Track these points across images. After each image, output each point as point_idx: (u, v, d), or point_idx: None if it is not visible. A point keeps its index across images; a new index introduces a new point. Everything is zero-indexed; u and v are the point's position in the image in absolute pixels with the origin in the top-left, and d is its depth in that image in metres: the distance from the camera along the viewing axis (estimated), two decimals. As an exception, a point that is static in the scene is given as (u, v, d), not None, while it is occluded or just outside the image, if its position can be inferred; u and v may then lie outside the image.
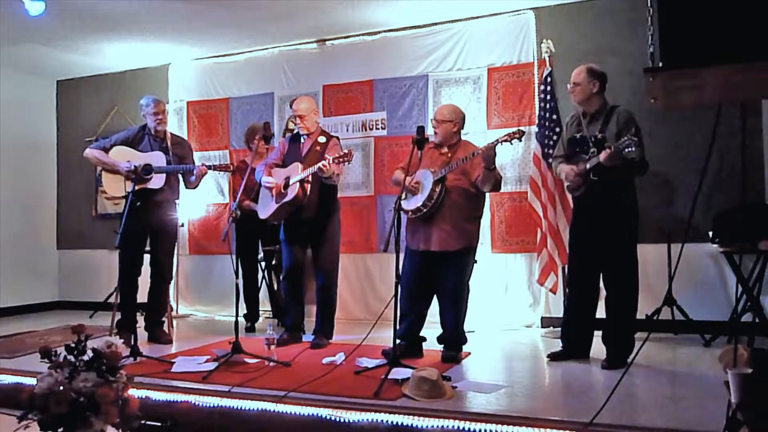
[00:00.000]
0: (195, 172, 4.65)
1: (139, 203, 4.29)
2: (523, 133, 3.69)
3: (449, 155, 3.97)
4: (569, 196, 4.36)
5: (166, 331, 4.86)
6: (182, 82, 6.50)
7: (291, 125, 5.81)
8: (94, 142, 5.09)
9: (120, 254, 4.67)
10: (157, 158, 4.65)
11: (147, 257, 4.78)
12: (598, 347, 3.87)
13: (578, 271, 3.86)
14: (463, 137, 4.17)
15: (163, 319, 4.88)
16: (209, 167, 4.73)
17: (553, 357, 3.89)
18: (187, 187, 4.90)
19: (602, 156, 3.47)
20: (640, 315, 4.48)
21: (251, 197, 5.01)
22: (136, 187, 4.35)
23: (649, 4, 1.71)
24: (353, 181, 5.73)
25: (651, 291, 4.70)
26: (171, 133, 4.89)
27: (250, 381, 3.38)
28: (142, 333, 4.53)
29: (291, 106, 5.54)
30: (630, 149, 3.31)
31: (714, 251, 4.46)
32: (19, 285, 6.66)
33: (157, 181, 4.58)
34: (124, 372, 2.52)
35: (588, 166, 3.60)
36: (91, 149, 4.73)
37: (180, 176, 4.82)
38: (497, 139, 3.66)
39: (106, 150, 4.67)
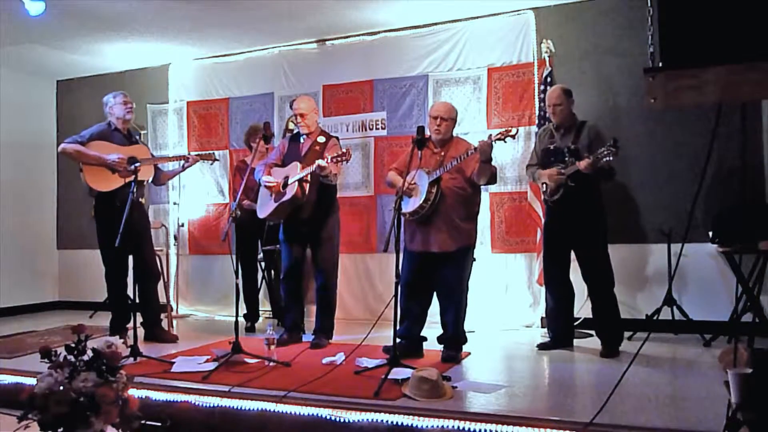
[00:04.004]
0: (190, 160, 4.71)
1: (122, 198, 4.26)
2: (517, 131, 3.76)
3: (442, 154, 3.97)
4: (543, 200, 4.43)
5: (166, 329, 4.86)
6: (182, 82, 6.50)
7: (291, 125, 5.81)
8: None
9: (107, 254, 4.63)
10: (141, 151, 4.65)
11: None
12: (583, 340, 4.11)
13: (555, 270, 4.20)
14: (462, 136, 4.19)
15: (161, 316, 4.88)
16: (198, 155, 4.80)
17: (542, 347, 4.25)
18: (155, 184, 4.97)
19: (582, 163, 3.84)
20: (640, 315, 4.51)
21: (251, 197, 5.00)
22: (127, 180, 4.31)
23: (649, 4, 1.71)
24: (353, 181, 5.73)
25: (651, 291, 4.71)
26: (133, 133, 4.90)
27: (250, 381, 3.38)
28: (142, 333, 4.53)
29: (291, 107, 5.57)
30: (608, 158, 3.71)
31: (714, 251, 4.46)
32: (19, 285, 6.67)
33: (147, 172, 4.57)
34: (124, 372, 2.53)
35: (566, 172, 3.95)
36: (69, 144, 4.56)
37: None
38: (491, 137, 3.68)
39: (83, 145, 4.55)
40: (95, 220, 4.73)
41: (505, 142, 3.73)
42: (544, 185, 4.16)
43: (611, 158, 3.70)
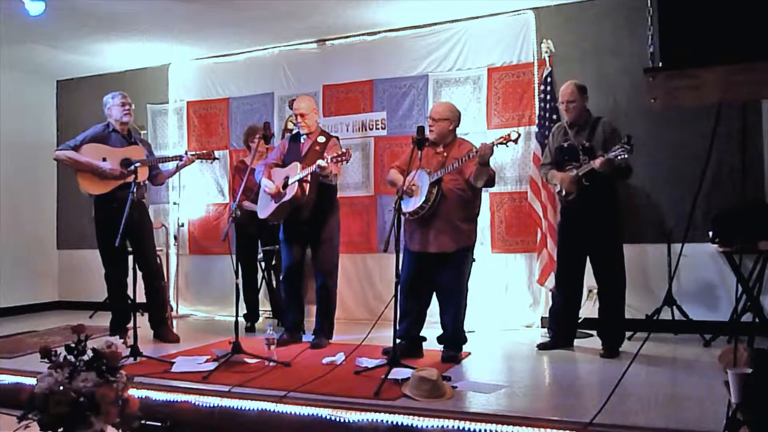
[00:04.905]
0: (184, 160, 4.69)
1: (122, 198, 4.26)
2: (519, 135, 3.73)
3: (444, 154, 3.97)
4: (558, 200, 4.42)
5: (173, 329, 4.88)
6: (182, 82, 6.50)
7: (290, 125, 5.82)
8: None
9: (106, 255, 4.66)
10: (136, 152, 4.65)
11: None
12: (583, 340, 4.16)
13: (568, 269, 4.13)
14: (463, 137, 4.19)
15: (167, 316, 4.89)
16: (194, 155, 4.79)
17: (542, 347, 4.23)
18: (153, 184, 4.97)
19: (597, 162, 3.79)
20: (640, 315, 4.51)
21: (251, 198, 5.00)
22: (125, 181, 4.33)
23: (649, 4, 1.71)
24: (353, 181, 5.73)
25: (651, 291, 4.71)
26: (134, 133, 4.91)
27: (250, 381, 3.38)
28: (142, 333, 4.53)
29: (290, 107, 5.57)
30: (623, 156, 3.63)
31: (714, 251, 4.46)
32: (19, 285, 6.66)
33: (142, 174, 4.57)
34: (124, 372, 2.52)
35: (581, 172, 3.90)
36: (62, 151, 4.60)
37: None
38: (494, 141, 3.67)
39: (76, 149, 4.57)
40: (94, 221, 4.74)
41: (507, 146, 3.74)
42: (558, 185, 4.12)
43: (626, 156, 3.64)
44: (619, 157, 3.67)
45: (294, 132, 4.82)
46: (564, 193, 4.05)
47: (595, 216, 3.95)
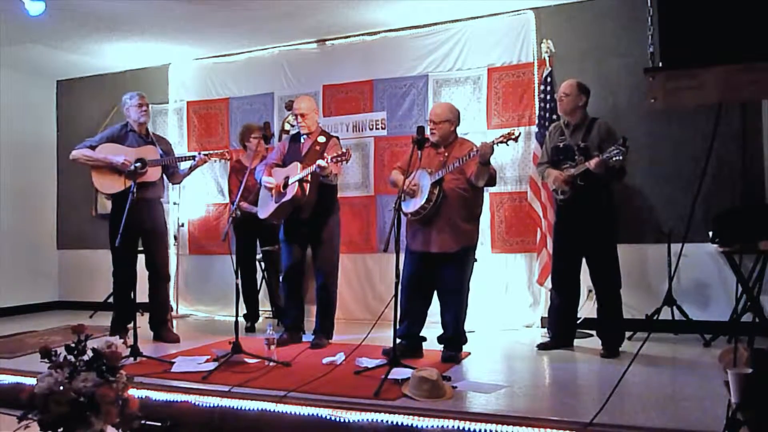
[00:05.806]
0: (196, 160, 4.72)
1: (137, 198, 4.28)
2: (519, 134, 3.73)
3: (446, 154, 3.97)
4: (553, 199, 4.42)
5: (173, 329, 4.87)
6: (182, 82, 6.50)
7: (287, 126, 5.82)
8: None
9: (115, 254, 4.68)
10: (149, 152, 4.67)
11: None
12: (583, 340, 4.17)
13: (564, 270, 4.16)
14: (464, 137, 4.19)
15: (168, 317, 4.89)
16: (207, 155, 4.83)
17: (542, 347, 4.24)
18: (171, 182, 5.01)
19: (592, 163, 3.81)
20: (640, 315, 4.51)
21: (250, 199, 5.00)
22: (128, 183, 4.36)
23: (649, 4, 1.71)
24: (353, 181, 5.72)
25: (651, 291, 4.71)
26: (152, 132, 4.94)
27: (250, 381, 3.38)
28: (143, 333, 4.53)
29: (287, 108, 5.58)
30: (618, 157, 3.65)
31: (714, 251, 4.46)
32: (19, 285, 6.66)
33: (153, 174, 4.60)
34: (124, 372, 2.53)
35: (575, 172, 3.91)
36: (78, 149, 4.70)
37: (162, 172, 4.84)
38: (494, 140, 3.67)
39: (93, 148, 4.66)
40: (109, 219, 4.76)
41: (507, 145, 3.74)
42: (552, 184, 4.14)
43: (621, 158, 3.66)
44: (614, 159, 3.68)
45: (294, 132, 4.82)
46: (560, 189, 4.06)
47: (589, 216, 3.97)
